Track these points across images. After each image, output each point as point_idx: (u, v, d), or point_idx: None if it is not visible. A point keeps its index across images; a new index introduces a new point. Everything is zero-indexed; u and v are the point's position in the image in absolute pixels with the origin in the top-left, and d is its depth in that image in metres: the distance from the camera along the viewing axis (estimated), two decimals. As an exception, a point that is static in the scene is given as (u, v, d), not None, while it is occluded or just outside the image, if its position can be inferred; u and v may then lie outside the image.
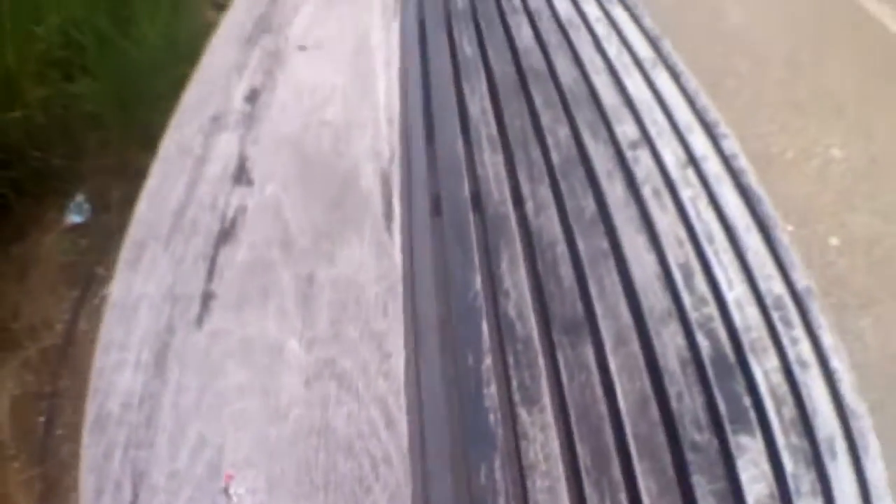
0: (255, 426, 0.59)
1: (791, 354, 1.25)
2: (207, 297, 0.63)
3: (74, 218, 2.87)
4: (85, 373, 2.20)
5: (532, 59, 1.99)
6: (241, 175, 0.75)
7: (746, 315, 1.32)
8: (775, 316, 1.32)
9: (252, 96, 0.89)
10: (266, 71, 0.95)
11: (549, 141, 1.66)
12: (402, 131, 0.78)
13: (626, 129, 1.71)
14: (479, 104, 1.77)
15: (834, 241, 2.77)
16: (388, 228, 0.63)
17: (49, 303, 2.59)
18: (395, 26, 0.93)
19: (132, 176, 2.87)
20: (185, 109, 0.92)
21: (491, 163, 1.57)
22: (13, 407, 2.33)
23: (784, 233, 1.51)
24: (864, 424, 1.14)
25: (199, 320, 0.61)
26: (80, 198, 2.91)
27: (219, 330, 0.60)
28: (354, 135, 0.76)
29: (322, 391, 0.61)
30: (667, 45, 2.12)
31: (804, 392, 1.19)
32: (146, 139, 2.93)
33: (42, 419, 2.29)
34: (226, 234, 0.70)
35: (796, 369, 1.22)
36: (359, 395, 0.69)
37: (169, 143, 0.85)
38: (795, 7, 4.75)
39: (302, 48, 0.96)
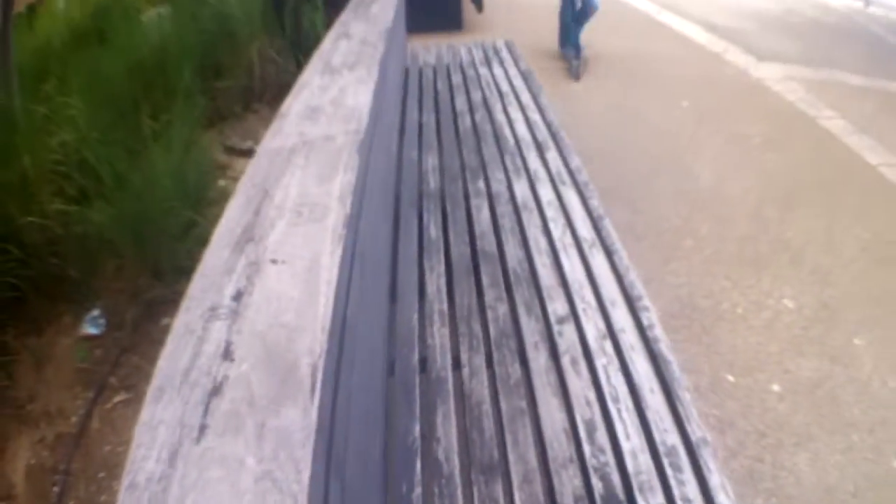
0: (226, 499, 0.89)
1: (677, 493, 1.57)
2: (203, 427, 0.95)
3: (90, 329, 3.21)
4: (97, 462, 2.53)
5: (486, 241, 2.38)
6: (227, 354, 1.08)
7: (639, 461, 1.62)
8: (666, 462, 1.63)
9: (237, 296, 1.22)
10: (248, 277, 1.27)
11: (490, 316, 2.02)
12: (332, 335, 1.11)
13: (556, 307, 2.06)
14: (435, 282, 2.15)
15: (776, 387, 3.03)
16: (311, 400, 0.95)
17: (64, 396, 2.93)
18: (338, 252, 1.25)
19: (144, 303, 3.25)
20: (191, 297, 1.23)
21: (439, 334, 1.94)
22: (28, 474, 2.64)
23: (686, 391, 1.82)
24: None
25: (198, 440, 0.93)
26: (96, 312, 3.26)
27: (209, 447, 0.91)
28: (299, 336, 1.10)
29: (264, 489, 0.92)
30: (607, 225, 2.48)
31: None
32: (157, 271, 3.31)
33: (56, 489, 2.58)
34: (216, 391, 1.03)
35: (680, 504, 1.55)
36: None
37: (179, 324, 1.16)
38: (770, 162, 5.11)
39: (273, 261, 1.31)
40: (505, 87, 3.89)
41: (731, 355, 3.16)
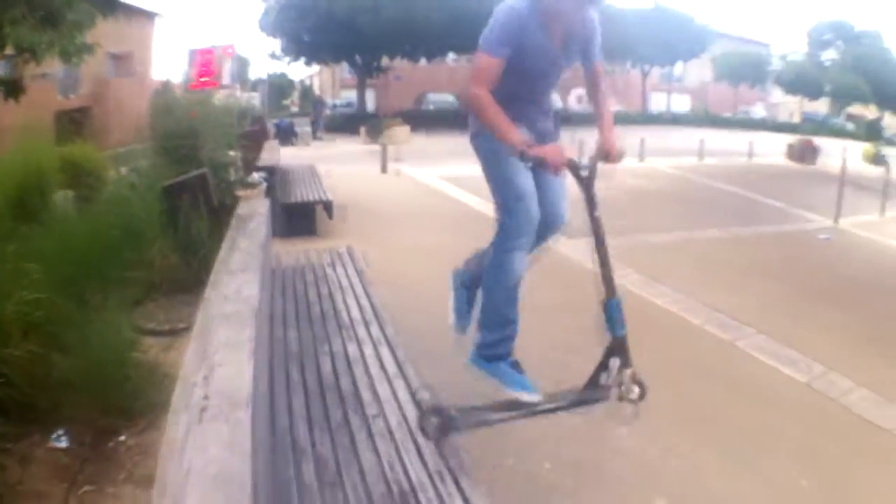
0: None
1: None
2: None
3: (56, 443, 4.47)
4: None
5: (328, 380, 3.94)
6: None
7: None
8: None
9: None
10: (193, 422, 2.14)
11: (331, 415, 3.55)
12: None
13: (372, 409, 3.59)
14: (299, 401, 3.68)
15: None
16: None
17: (46, 485, 4.15)
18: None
19: (99, 432, 4.54)
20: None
21: (303, 428, 3.44)
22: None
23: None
24: None
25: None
26: (61, 432, 4.52)
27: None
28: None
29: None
30: (409, 368, 4.07)
31: None
32: (113, 409, 4.62)
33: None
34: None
35: None
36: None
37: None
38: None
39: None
40: (345, 282, 5.50)
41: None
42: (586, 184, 3.79)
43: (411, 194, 13.05)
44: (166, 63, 71.00)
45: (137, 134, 11.90)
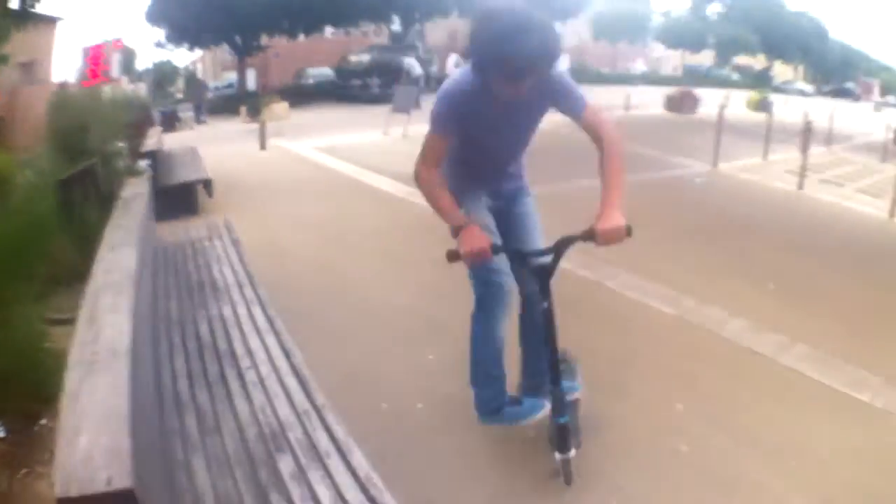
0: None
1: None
2: None
3: None
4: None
5: (204, 339, 4.14)
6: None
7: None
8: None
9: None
10: (85, 374, 2.54)
11: (209, 370, 3.78)
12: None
13: (245, 362, 3.85)
14: (180, 359, 3.89)
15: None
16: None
17: None
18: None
19: (25, 419, 4.75)
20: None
21: (185, 383, 3.66)
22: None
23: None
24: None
25: None
26: None
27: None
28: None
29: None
30: (279, 322, 4.32)
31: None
32: (33, 396, 4.82)
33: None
34: None
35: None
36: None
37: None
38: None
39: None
40: (221, 252, 5.82)
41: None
42: (539, 274, 3.77)
43: (290, 168, 13.48)
44: (64, 64, 69.44)
45: (41, 137, 11.99)
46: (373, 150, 15.76)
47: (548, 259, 3.75)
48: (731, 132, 19.80)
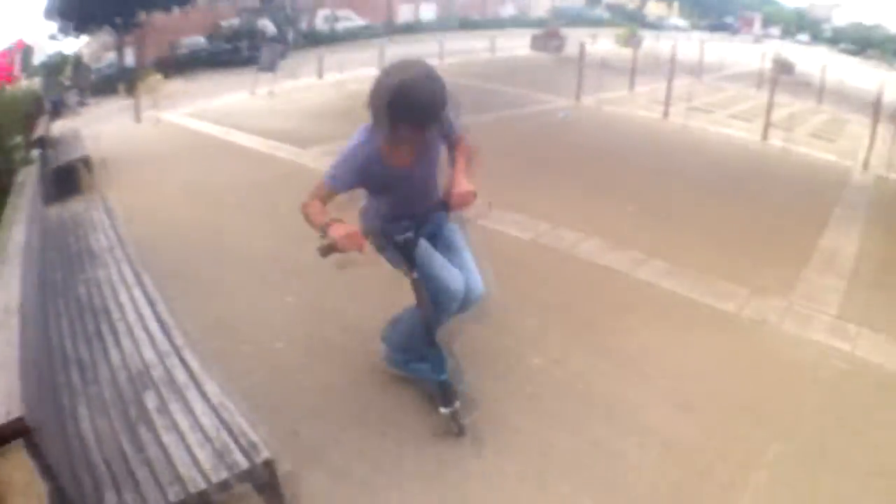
0: None
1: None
2: None
3: None
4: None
5: (87, 300, 4.65)
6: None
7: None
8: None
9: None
10: None
11: (88, 323, 4.20)
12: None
13: (116, 317, 4.51)
14: (64, 318, 4.21)
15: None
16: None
17: None
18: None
19: None
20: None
21: (69, 337, 4.01)
22: None
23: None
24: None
25: None
26: None
27: None
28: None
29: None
30: (147, 280, 4.85)
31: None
32: None
33: None
34: None
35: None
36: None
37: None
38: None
39: None
40: (97, 222, 6.37)
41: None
42: (403, 249, 4.11)
43: (163, 136, 13.81)
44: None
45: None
46: (240, 111, 16.29)
47: (410, 233, 4.09)
48: (598, 68, 20.32)
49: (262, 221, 8.20)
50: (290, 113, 15.59)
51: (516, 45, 37.66)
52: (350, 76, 23.04)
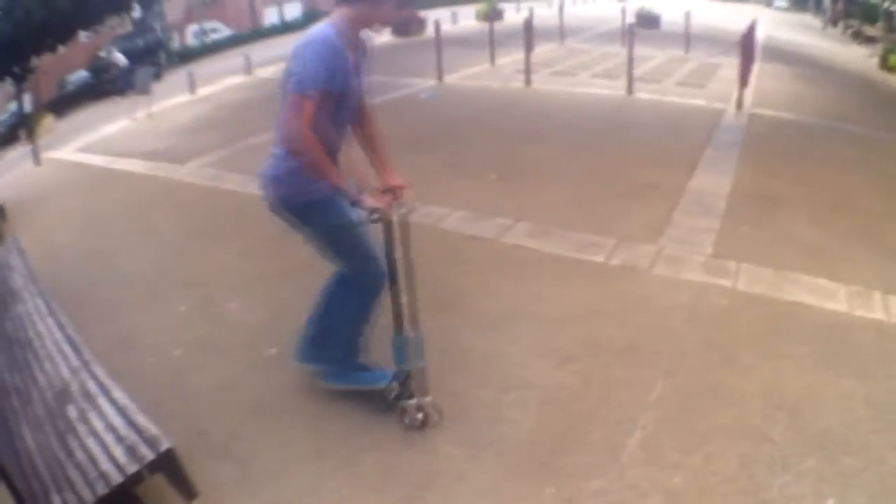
0: None
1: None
2: None
3: None
4: None
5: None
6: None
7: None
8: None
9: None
10: None
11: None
12: None
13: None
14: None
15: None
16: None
17: None
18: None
19: None
20: None
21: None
22: None
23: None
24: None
25: None
26: None
27: None
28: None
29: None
30: (56, 308, 4.82)
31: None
32: None
33: None
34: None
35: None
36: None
37: None
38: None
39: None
40: (12, 261, 6.48)
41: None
42: (388, 226, 4.01)
43: (58, 174, 13.86)
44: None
45: None
46: (123, 137, 16.40)
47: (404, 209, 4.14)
48: (459, 45, 20.49)
49: (147, 240, 8.41)
50: (168, 132, 15.65)
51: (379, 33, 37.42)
52: (220, 87, 23.30)
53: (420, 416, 4.25)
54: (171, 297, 6.49)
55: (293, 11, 64.02)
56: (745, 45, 15.10)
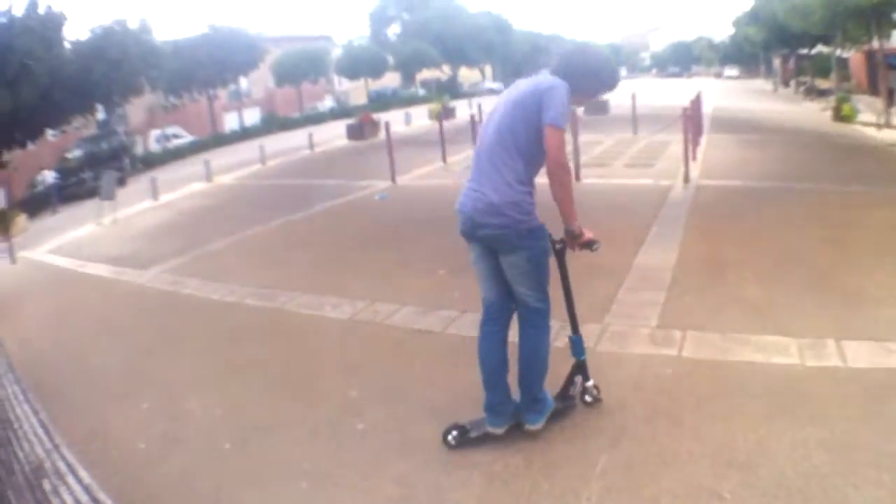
0: None
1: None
2: None
3: None
4: None
5: None
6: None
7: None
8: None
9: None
10: None
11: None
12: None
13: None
14: None
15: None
16: None
17: None
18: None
19: None
20: None
21: None
22: None
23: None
24: None
25: None
26: None
27: None
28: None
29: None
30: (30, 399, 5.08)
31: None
32: None
33: None
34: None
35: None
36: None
37: None
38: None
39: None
40: None
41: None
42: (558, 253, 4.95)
43: (31, 275, 14.43)
44: None
45: None
46: (90, 242, 17.00)
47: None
48: (413, 145, 20.88)
49: (112, 340, 8.76)
50: (132, 238, 16.28)
51: (335, 135, 38.79)
52: (181, 195, 23.78)
53: (596, 391, 5.24)
54: (135, 395, 6.63)
55: (252, 117, 64.86)
56: (691, 119, 15.42)
